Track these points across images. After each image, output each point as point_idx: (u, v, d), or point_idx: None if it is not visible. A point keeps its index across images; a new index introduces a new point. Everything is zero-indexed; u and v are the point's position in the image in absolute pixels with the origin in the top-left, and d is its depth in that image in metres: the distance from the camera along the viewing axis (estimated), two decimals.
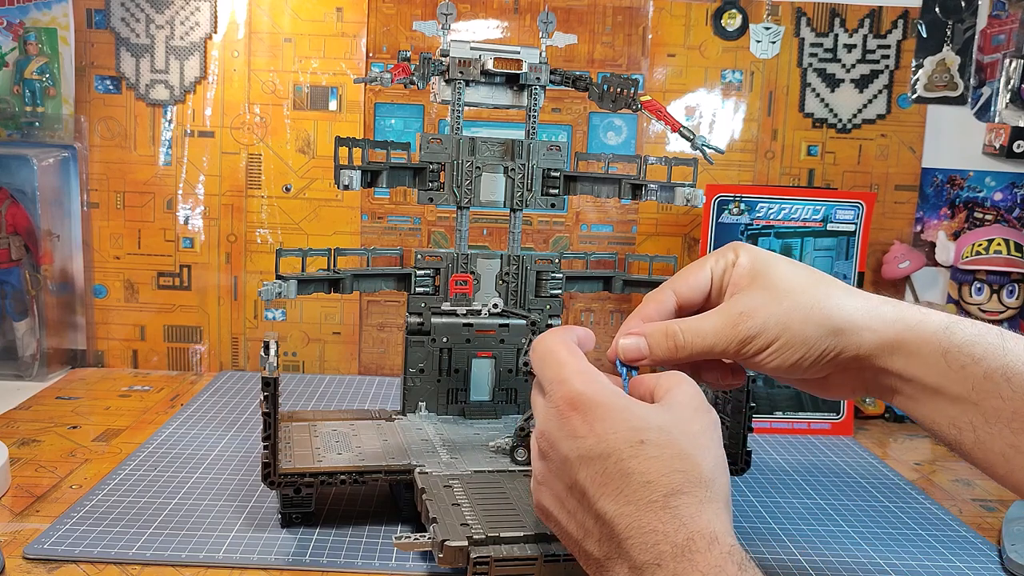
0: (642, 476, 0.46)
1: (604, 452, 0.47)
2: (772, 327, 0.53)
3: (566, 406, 0.49)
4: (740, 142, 1.17)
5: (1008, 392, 0.49)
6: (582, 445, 0.47)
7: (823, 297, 0.53)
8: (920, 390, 0.52)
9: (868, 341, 0.52)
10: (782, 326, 0.53)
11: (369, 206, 1.16)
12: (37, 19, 1.12)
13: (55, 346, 1.14)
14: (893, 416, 1.11)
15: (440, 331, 0.82)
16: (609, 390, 0.49)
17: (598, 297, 1.18)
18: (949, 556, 0.74)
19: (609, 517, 0.46)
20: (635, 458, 0.46)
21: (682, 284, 0.58)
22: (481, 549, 0.58)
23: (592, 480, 0.47)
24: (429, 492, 0.65)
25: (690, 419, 0.48)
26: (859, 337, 0.52)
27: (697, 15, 1.15)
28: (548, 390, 0.51)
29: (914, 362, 0.52)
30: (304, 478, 0.68)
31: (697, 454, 0.47)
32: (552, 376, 0.51)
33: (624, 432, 0.47)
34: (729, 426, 0.77)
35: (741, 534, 0.75)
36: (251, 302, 1.17)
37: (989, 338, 0.51)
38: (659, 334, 0.56)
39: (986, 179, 1.19)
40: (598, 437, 0.47)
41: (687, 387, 0.51)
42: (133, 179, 1.15)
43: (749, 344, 0.53)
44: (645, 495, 0.45)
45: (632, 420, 0.47)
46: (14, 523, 0.71)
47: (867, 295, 0.54)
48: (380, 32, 1.13)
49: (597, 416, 0.48)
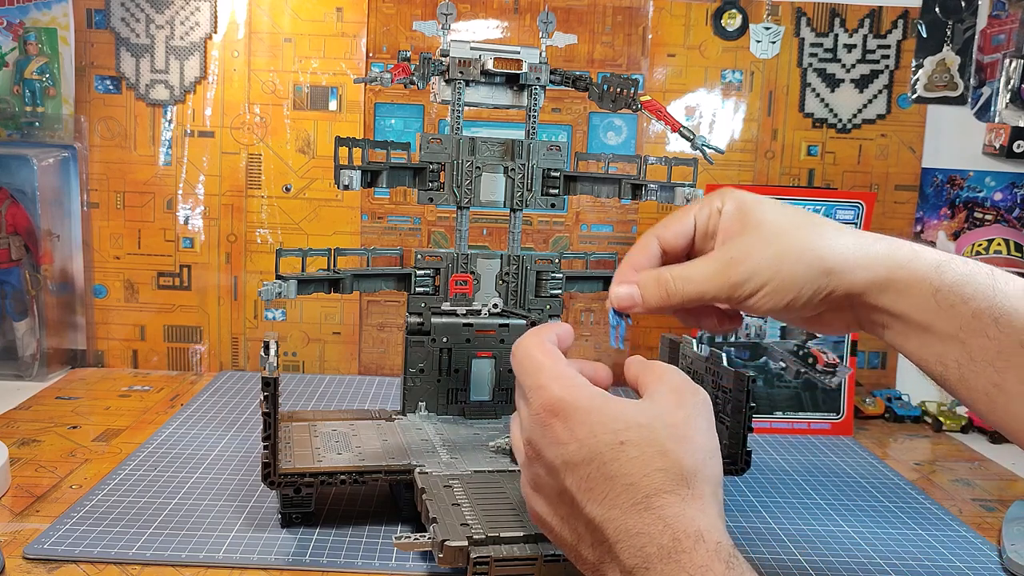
0: (625, 478, 0.45)
1: (587, 457, 0.46)
2: (763, 270, 0.53)
3: (546, 413, 0.48)
4: (740, 142, 1.17)
5: (995, 331, 0.50)
6: (565, 452, 0.47)
7: (815, 237, 0.53)
8: (909, 327, 0.53)
9: (860, 279, 0.53)
10: (773, 269, 0.53)
11: (369, 206, 1.16)
12: (37, 19, 1.12)
13: (55, 346, 1.14)
14: (893, 416, 1.11)
15: (440, 331, 0.82)
16: (588, 392, 0.49)
17: (598, 297, 1.18)
18: (949, 556, 0.74)
19: (598, 522, 0.46)
20: (616, 461, 0.46)
21: (666, 231, 0.58)
22: (481, 549, 0.58)
23: (578, 486, 0.47)
24: (429, 492, 0.65)
25: (673, 409, 0.48)
26: (851, 276, 0.53)
27: (697, 15, 1.15)
28: (529, 397, 0.50)
29: (904, 300, 0.52)
30: (304, 478, 0.68)
31: (678, 449, 0.46)
32: (531, 383, 0.50)
33: (604, 435, 0.46)
34: (729, 426, 0.76)
35: (741, 534, 0.75)
36: (251, 302, 1.17)
37: (979, 278, 0.51)
38: (651, 282, 0.56)
39: (986, 179, 1.19)
40: (580, 442, 0.47)
41: (670, 375, 0.51)
42: (133, 179, 1.15)
43: (741, 288, 0.54)
44: (629, 498, 0.45)
45: (612, 422, 0.47)
46: (14, 523, 0.71)
47: (859, 232, 0.54)
48: (380, 32, 1.13)
49: (577, 421, 0.47)
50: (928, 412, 1.10)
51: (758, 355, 1.05)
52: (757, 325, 1.04)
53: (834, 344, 1.05)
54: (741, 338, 1.04)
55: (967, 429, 1.08)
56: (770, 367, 1.05)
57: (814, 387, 1.05)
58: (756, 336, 1.05)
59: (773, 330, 1.05)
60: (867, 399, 1.12)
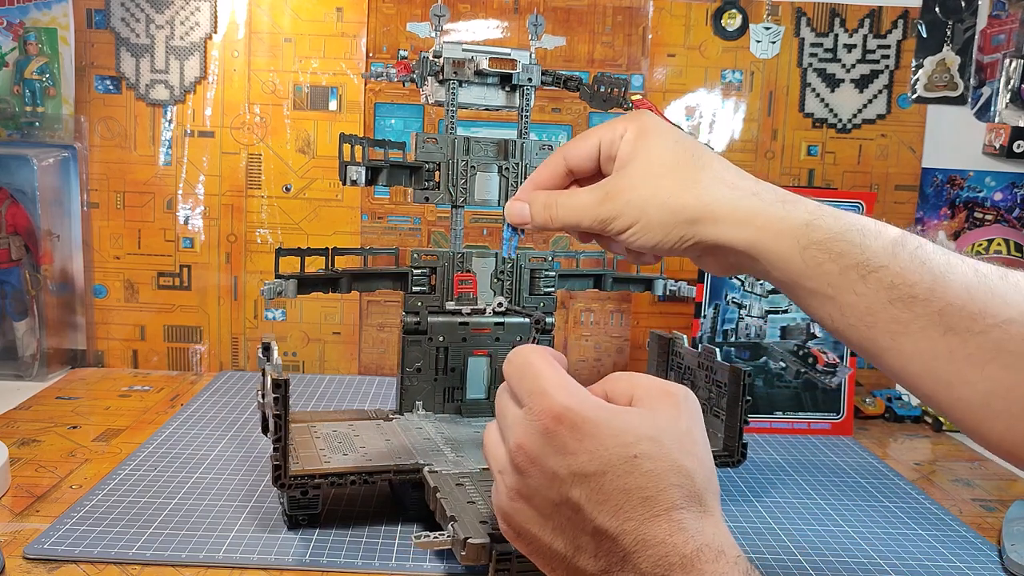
0: (640, 492, 0.45)
1: (599, 469, 0.46)
2: (631, 210, 0.54)
3: (551, 420, 0.47)
4: (740, 142, 1.17)
5: (862, 288, 0.50)
6: (574, 462, 0.46)
7: (688, 183, 0.54)
8: (778, 281, 0.54)
9: (726, 234, 0.53)
10: (640, 210, 0.54)
11: (369, 206, 1.16)
12: (37, 19, 1.12)
13: (55, 346, 1.14)
14: (893, 416, 1.11)
15: (437, 330, 0.82)
16: (593, 403, 0.48)
17: (598, 297, 1.18)
18: (949, 556, 0.74)
19: (612, 533, 0.45)
20: (631, 474, 0.45)
21: (572, 151, 0.59)
22: (504, 545, 0.58)
23: (588, 498, 0.46)
24: (442, 491, 0.65)
25: (676, 417, 0.48)
26: (715, 228, 0.53)
27: (697, 15, 1.15)
28: (527, 402, 0.48)
29: (771, 258, 0.52)
30: (313, 480, 0.68)
31: (689, 464, 0.46)
32: (531, 387, 0.48)
33: (616, 448, 0.46)
34: (725, 420, 0.77)
35: (741, 534, 0.75)
36: (251, 302, 1.17)
37: (850, 235, 0.51)
38: (539, 203, 0.58)
39: (986, 179, 1.19)
40: (590, 454, 0.46)
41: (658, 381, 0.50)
42: (133, 179, 1.15)
43: (611, 224, 0.55)
44: (647, 510, 0.45)
45: (621, 435, 0.46)
46: (14, 523, 0.71)
47: (737, 183, 0.54)
48: (380, 32, 1.13)
49: (586, 432, 0.46)
50: (928, 412, 1.10)
51: (758, 355, 1.05)
52: (757, 325, 1.04)
53: (834, 344, 1.05)
54: (741, 338, 1.04)
55: None
56: (770, 367, 1.05)
57: (814, 387, 1.05)
58: (756, 336, 1.05)
59: (773, 330, 1.05)
60: (867, 399, 1.12)
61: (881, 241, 0.50)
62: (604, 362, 1.19)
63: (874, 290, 0.50)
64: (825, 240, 0.51)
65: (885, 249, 0.50)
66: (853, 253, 0.50)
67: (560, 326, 1.18)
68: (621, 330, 1.19)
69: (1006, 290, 0.48)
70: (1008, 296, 0.48)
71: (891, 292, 0.49)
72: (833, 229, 0.51)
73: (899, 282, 0.49)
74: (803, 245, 0.51)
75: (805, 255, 0.51)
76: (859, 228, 0.51)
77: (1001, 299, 0.48)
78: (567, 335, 1.19)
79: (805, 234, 0.51)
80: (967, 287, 0.48)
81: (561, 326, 1.18)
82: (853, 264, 0.50)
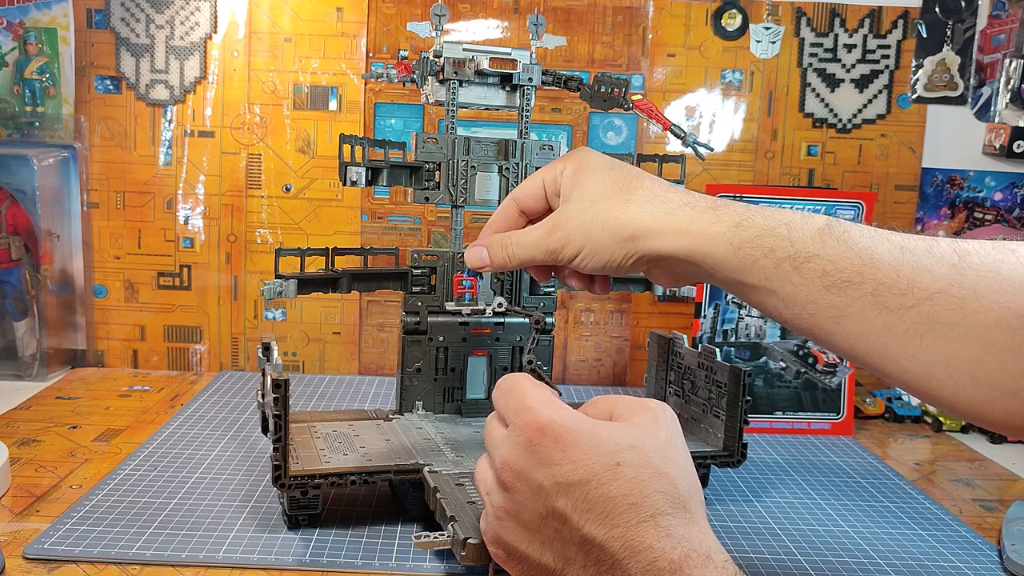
0: (625, 498, 0.46)
1: (583, 478, 0.47)
2: (576, 237, 0.58)
3: (535, 433, 0.48)
4: (740, 142, 1.17)
5: (797, 279, 0.52)
6: (558, 472, 0.47)
7: (624, 204, 0.57)
8: (722, 282, 0.56)
9: (663, 245, 0.56)
10: (584, 236, 0.57)
11: (369, 206, 1.16)
12: (37, 19, 1.12)
13: (55, 346, 1.14)
14: (893, 416, 1.11)
15: (437, 330, 0.82)
16: (576, 416, 0.49)
17: (598, 297, 1.18)
18: (949, 556, 0.74)
19: (599, 541, 0.46)
20: (615, 481, 0.46)
21: (520, 194, 0.63)
22: None
23: (574, 507, 0.47)
24: (442, 491, 0.65)
25: (656, 429, 0.50)
26: (653, 241, 0.56)
27: (697, 15, 1.15)
28: (512, 419, 0.50)
29: (709, 261, 0.55)
30: (313, 480, 0.68)
31: (672, 472, 0.47)
32: (516, 404, 0.50)
33: (599, 456, 0.47)
34: (724, 420, 0.77)
35: (741, 534, 0.75)
36: (251, 302, 1.17)
37: (779, 230, 0.53)
38: (496, 245, 0.62)
39: (986, 179, 1.19)
40: (574, 463, 0.47)
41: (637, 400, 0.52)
42: (133, 179, 1.15)
43: (560, 253, 0.58)
44: (633, 516, 0.46)
45: (604, 444, 0.47)
46: (14, 523, 0.71)
47: (670, 197, 0.57)
48: (380, 32, 1.13)
49: (569, 442, 0.47)
50: (928, 412, 1.10)
51: (758, 355, 1.05)
52: (757, 325, 1.04)
53: None
54: (741, 338, 1.04)
55: (967, 429, 1.08)
56: (770, 367, 1.05)
57: (814, 387, 1.05)
58: (756, 336, 1.05)
59: (773, 330, 1.05)
60: (867, 399, 1.12)
61: (808, 232, 0.52)
62: (604, 362, 1.19)
63: (809, 279, 0.52)
64: (755, 238, 0.53)
65: (813, 239, 0.52)
66: (783, 247, 0.53)
67: (560, 326, 1.18)
68: (621, 330, 1.19)
69: (932, 264, 0.50)
70: (935, 270, 0.49)
71: (825, 279, 0.51)
72: (761, 226, 0.54)
73: (830, 269, 0.51)
74: (736, 245, 0.54)
75: (739, 254, 0.54)
76: (786, 222, 0.53)
77: (928, 273, 0.49)
78: (567, 335, 1.19)
79: (736, 234, 0.54)
80: (894, 265, 0.50)
81: (561, 326, 1.18)
82: (785, 257, 0.52)
